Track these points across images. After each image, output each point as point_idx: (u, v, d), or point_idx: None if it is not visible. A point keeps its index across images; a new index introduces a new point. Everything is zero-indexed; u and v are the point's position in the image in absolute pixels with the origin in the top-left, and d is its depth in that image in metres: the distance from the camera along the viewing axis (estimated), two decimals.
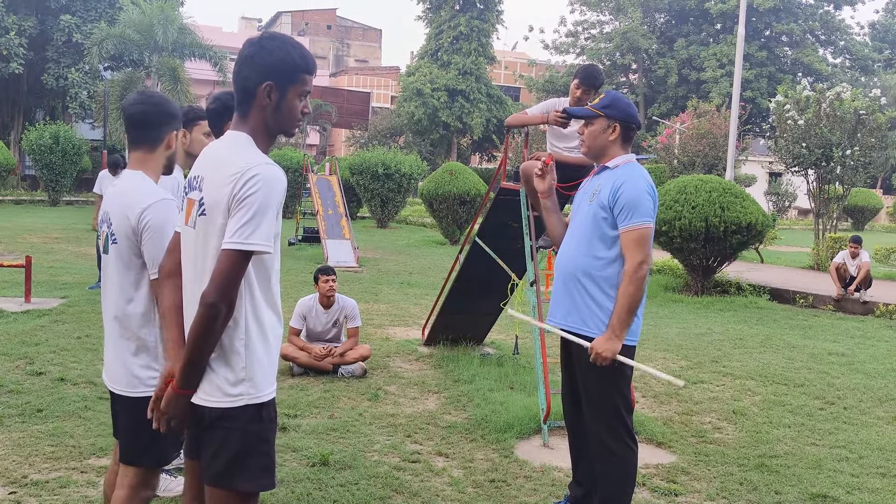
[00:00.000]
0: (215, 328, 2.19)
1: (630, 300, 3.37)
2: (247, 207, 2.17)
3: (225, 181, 2.22)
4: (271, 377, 2.36)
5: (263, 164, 2.23)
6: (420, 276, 13.20)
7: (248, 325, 2.27)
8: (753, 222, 11.46)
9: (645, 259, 3.38)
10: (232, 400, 2.26)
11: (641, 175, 3.51)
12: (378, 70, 59.41)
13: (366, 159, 21.72)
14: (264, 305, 2.32)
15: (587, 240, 3.52)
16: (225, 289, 2.17)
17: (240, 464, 2.27)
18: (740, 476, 4.63)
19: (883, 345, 8.86)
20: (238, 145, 2.30)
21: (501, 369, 6.73)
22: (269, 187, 2.20)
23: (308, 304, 6.60)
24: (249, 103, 2.32)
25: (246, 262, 2.20)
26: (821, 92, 15.72)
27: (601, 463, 3.52)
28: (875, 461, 4.97)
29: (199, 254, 2.30)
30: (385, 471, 4.43)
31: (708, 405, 6.16)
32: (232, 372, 2.26)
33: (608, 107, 3.57)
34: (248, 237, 2.17)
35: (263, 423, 2.32)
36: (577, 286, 3.53)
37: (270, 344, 2.34)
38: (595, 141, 3.60)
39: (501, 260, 6.41)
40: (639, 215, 3.41)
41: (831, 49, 48.46)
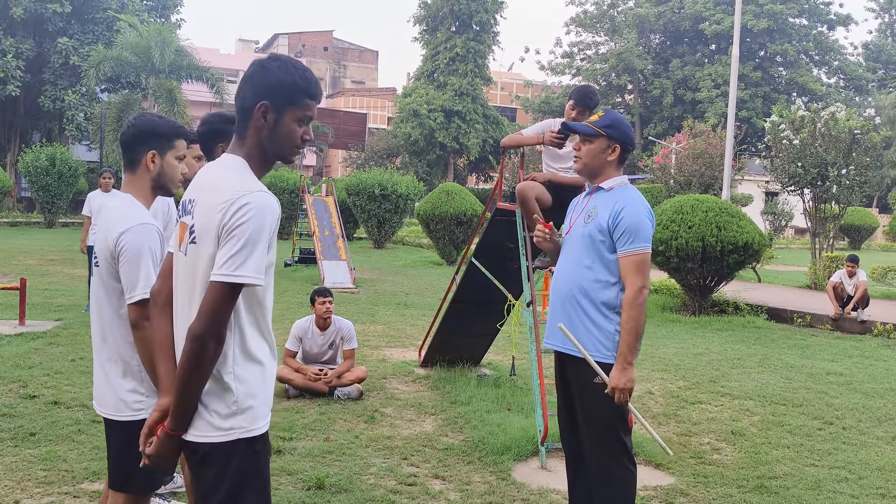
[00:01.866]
0: (204, 363, 2.11)
1: (635, 325, 3.35)
2: (237, 238, 2.10)
3: (216, 208, 2.15)
4: (264, 410, 2.29)
5: (255, 192, 2.16)
6: (417, 297, 13.17)
7: (236, 358, 2.20)
8: (750, 242, 11.46)
9: (644, 284, 3.37)
10: (223, 434, 2.20)
11: (640, 199, 3.50)
12: (375, 91, 59.71)
13: (362, 180, 21.76)
14: (255, 336, 2.24)
15: (584, 262, 3.49)
16: (213, 323, 2.10)
17: (233, 499, 2.21)
18: (739, 497, 4.58)
19: (881, 364, 8.84)
20: (231, 170, 2.24)
21: (498, 390, 6.69)
22: (260, 217, 2.13)
23: (304, 325, 6.57)
24: (246, 124, 2.26)
25: (235, 295, 2.13)
26: (816, 112, 15.79)
27: (600, 486, 3.48)
28: (874, 482, 4.93)
29: (189, 281, 2.24)
30: (381, 494, 4.38)
31: (706, 426, 6.12)
32: (223, 406, 2.19)
33: (610, 127, 3.54)
34: (237, 269, 2.09)
35: (258, 456, 2.25)
36: (574, 308, 3.51)
37: (265, 377, 2.28)
38: (593, 160, 3.56)
39: (498, 280, 6.39)
40: (639, 240, 3.39)
41: (825, 69, 48.83)
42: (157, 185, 2.89)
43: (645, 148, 43.15)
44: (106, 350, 2.81)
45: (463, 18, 43.39)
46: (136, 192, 2.85)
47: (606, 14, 48.47)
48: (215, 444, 2.20)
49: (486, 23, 44.06)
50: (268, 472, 2.32)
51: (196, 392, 2.17)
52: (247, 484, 2.23)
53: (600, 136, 3.53)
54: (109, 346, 2.80)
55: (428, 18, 44.40)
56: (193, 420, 2.22)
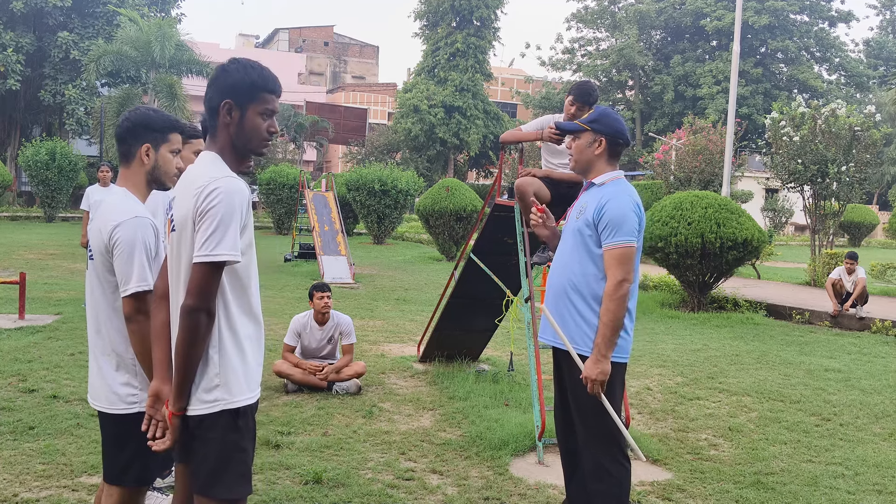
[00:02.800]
0: (198, 337, 2.28)
1: (612, 318, 3.36)
2: (210, 220, 2.28)
3: (190, 196, 2.34)
4: (248, 384, 2.42)
5: (224, 178, 2.33)
6: (416, 293, 13.18)
7: (221, 333, 2.36)
8: (749, 238, 11.47)
9: (626, 278, 3.38)
10: (208, 406, 2.35)
11: (627, 193, 3.50)
12: (375, 86, 59.63)
13: (362, 175, 21.75)
14: (238, 313, 2.40)
15: (576, 256, 3.54)
16: (201, 298, 2.27)
17: (218, 474, 2.37)
18: (736, 493, 4.60)
19: (879, 361, 8.85)
20: (205, 163, 2.42)
21: (496, 386, 6.70)
22: (229, 198, 2.29)
23: (303, 320, 6.58)
24: (215, 123, 2.45)
25: (217, 273, 2.30)
26: (816, 108, 15.79)
27: (595, 482, 3.50)
28: (871, 478, 4.94)
29: (175, 268, 2.42)
30: (379, 489, 4.40)
31: (704, 422, 6.13)
32: (206, 379, 2.34)
33: (595, 121, 3.58)
34: (214, 248, 2.26)
35: (240, 431, 2.39)
36: (565, 302, 3.55)
37: (245, 352, 2.42)
38: (581, 155, 3.60)
39: (496, 276, 6.40)
40: (622, 234, 3.40)
41: (826, 66, 48.71)
42: (152, 179, 2.90)
43: (645, 144, 43.12)
44: (100, 343, 2.83)
45: (463, 14, 43.31)
46: (130, 186, 2.86)
47: (607, 10, 48.37)
48: (202, 417, 2.34)
49: (487, 18, 43.96)
50: (251, 447, 2.46)
51: (193, 367, 2.32)
52: (229, 458, 2.38)
53: (585, 131, 3.58)
54: (103, 339, 2.81)
55: (429, 14, 44.31)
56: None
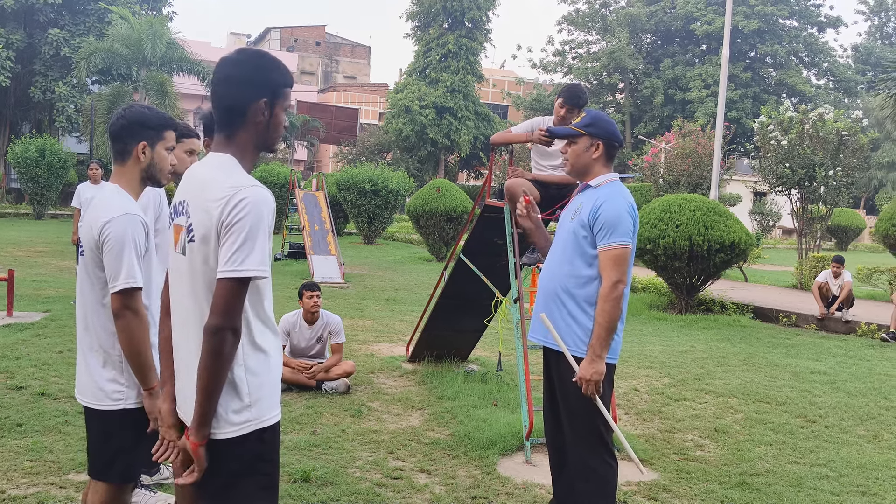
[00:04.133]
0: (224, 358, 2.13)
1: (607, 320, 3.40)
2: (237, 233, 2.13)
3: (212, 205, 2.17)
4: (275, 399, 2.31)
5: (251, 187, 2.18)
6: (406, 293, 13.20)
7: (245, 350, 2.22)
8: (737, 241, 11.55)
9: (621, 279, 3.41)
10: (237, 429, 2.21)
11: (622, 194, 3.54)
12: (366, 87, 59.63)
13: (353, 175, 21.75)
14: (260, 327, 2.26)
15: (568, 257, 3.56)
16: (228, 316, 2.12)
17: (237, 485, 2.24)
18: (721, 494, 4.64)
19: (865, 364, 8.93)
20: (223, 167, 2.26)
21: (485, 386, 6.74)
22: (258, 210, 2.15)
23: (292, 319, 6.59)
24: (238, 123, 2.28)
25: (244, 289, 2.15)
26: (804, 113, 15.91)
27: (582, 482, 3.53)
28: (855, 479, 5.00)
29: (191, 280, 2.25)
30: (367, 487, 4.42)
31: (690, 423, 6.18)
32: (237, 400, 2.21)
33: (590, 125, 3.60)
34: (242, 264, 2.12)
35: (265, 444, 2.27)
36: (556, 303, 3.57)
37: (271, 366, 2.30)
38: (578, 159, 3.62)
39: (486, 277, 6.43)
40: (617, 235, 3.43)
41: (815, 70, 49.06)
42: (147, 177, 2.91)
43: (635, 147, 43.27)
44: (87, 339, 2.84)
45: (455, 15, 43.40)
46: (124, 183, 2.87)
47: (598, 13, 48.57)
48: (227, 439, 2.21)
49: (479, 20, 44.06)
50: (276, 458, 2.34)
51: (219, 391, 2.17)
52: (251, 469, 2.25)
53: (582, 136, 3.61)
54: (91, 335, 2.83)
55: (420, 14, 44.36)
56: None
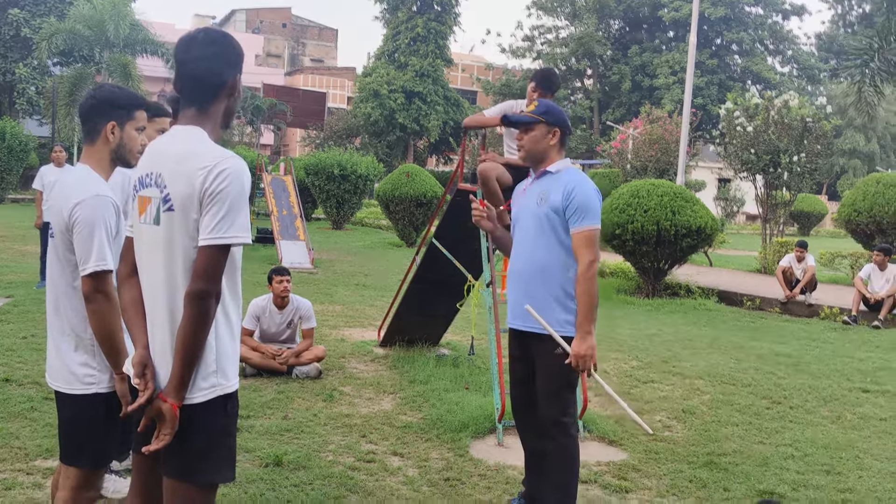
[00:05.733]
0: (207, 322, 2.22)
1: (590, 297, 3.54)
2: (221, 202, 2.22)
3: (193, 175, 2.24)
4: (235, 369, 2.40)
5: (230, 158, 2.28)
6: (376, 278, 13.17)
7: (217, 319, 2.29)
8: (703, 226, 11.70)
9: (595, 257, 3.57)
10: (204, 393, 2.28)
11: (587, 179, 3.72)
12: (334, 70, 59.12)
13: (321, 160, 21.59)
14: (229, 297, 2.35)
15: (543, 243, 3.65)
16: (211, 282, 2.21)
17: (204, 457, 2.30)
18: (690, 473, 4.72)
19: (828, 346, 9.11)
20: (198, 140, 2.33)
21: (457, 370, 6.76)
22: (239, 180, 2.26)
23: (262, 304, 6.54)
24: (213, 97, 2.38)
25: (226, 256, 2.25)
26: (769, 100, 16.11)
27: (557, 461, 3.60)
28: (820, 459, 5.11)
29: (168, 250, 2.30)
30: (339, 471, 4.41)
31: (658, 404, 6.27)
32: (204, 365, 2.28)
33: (547, 113, 3.74)
34: (227, 231, 2.22)
35: (228, 415, 2.35)
36: (536, 287, 3.65)
37: (235, 333, 2.39)
38: (536, 146, 3.74)
39: (458, 261, 6.43)
40: (590, 217, 3.59)
41: (779, 58, 49.70)
42: (117, 157, 2.86)
43: (603, 133, 43.54)
44: (58, 322, 2.79)
45: None
46: (94, 164, 2.82)
47: None
48: (195, 405, 2.27)
49: (448, 3, 43.89)
50: (235, 432, 2.42)
51: (200, 354, 2.25)
52: (216, 442, 2.32)
53: (540, 123, 3.72)
54: (62, 318, 2.78)
55: None
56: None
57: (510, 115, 3.94)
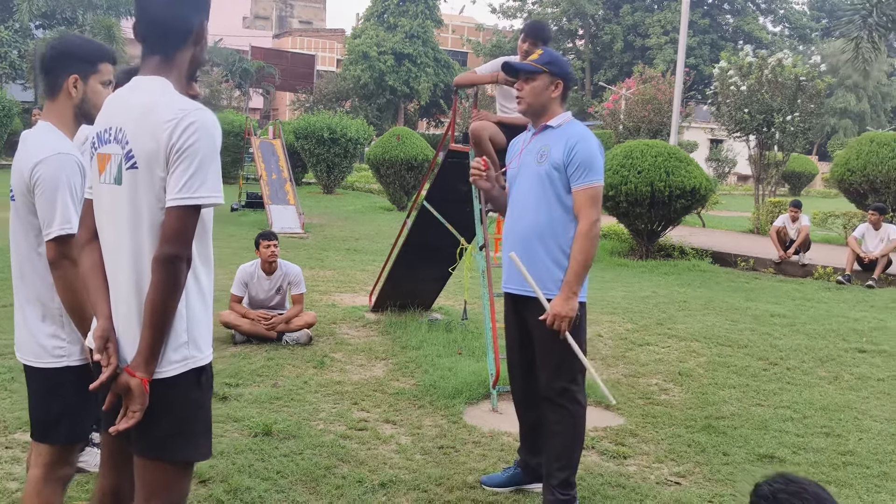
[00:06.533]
0: (178, 288, 2.05)
1: (585, 257, 3.36)
2: (189, 159, 2.03)
3: (158, 129, 2.05)
4: (209, 339, 2.23)
5: (198, 110, 2.08)
6: (367, 243, 13.03)
7: (187, 284, 2.12)
8: (697, 187, 11.57)
9: (598, 217, 3.38)
10: (175, 367, 2.12)
11: (590, 134, 3.50)
12: (323, 32, 58.23)
13: (311, 123, 21.28)
14: (200, 261, 2.17)
15: (543, 201, 3.46)
16: (182, 243, 2.03)
17: (178, 434, 2.15)
18: (688, 438, 4.64)
19: (822, 306, 9.05)
20: (163, 91, 2.13)
21: (450, 335, 6.65)
22: (209, 134, 2.07)
23: (249, 270, 6.40)
24: (179, 45, 2.18)
25: (197, 217, 2.07)
26: (763, 59, 15.88)
27: (557, 426, 3.46)
28: (819, 421, 5.04)
29: (133, 210, 2.11)
30: (331, 439, 4.31)
31: (654, 367, 6.18)
32: (174, 335, 2.11)
33: (551, 63, 3.51)
34: (197, 190, 2.04)
35: (202, 389, 2.20)
36: (534, 248, 3.47)
37: (208, 302, 2.22)
38: (537, 98, 3.52)
39: (450, 224, 6.29)
40: (593, 174, 3.40)
41: (771, 17, 49.24)
42: (81, 113, 2.66)
43: (595, 94, 43.16)
44: (24, 291, 2.63)
45: None
46: (55, 120, 2.63)
47: None
48: (166, 379, 2.11)
49: None
50: (210, 404, 2.27)
51: (170, 323, 2.08)
52: (192, 417, 2.17)
53: (543, 73, 3.49)
54: (27, 286, 2.62)
55: None
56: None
57: (512, 61, 3.70)
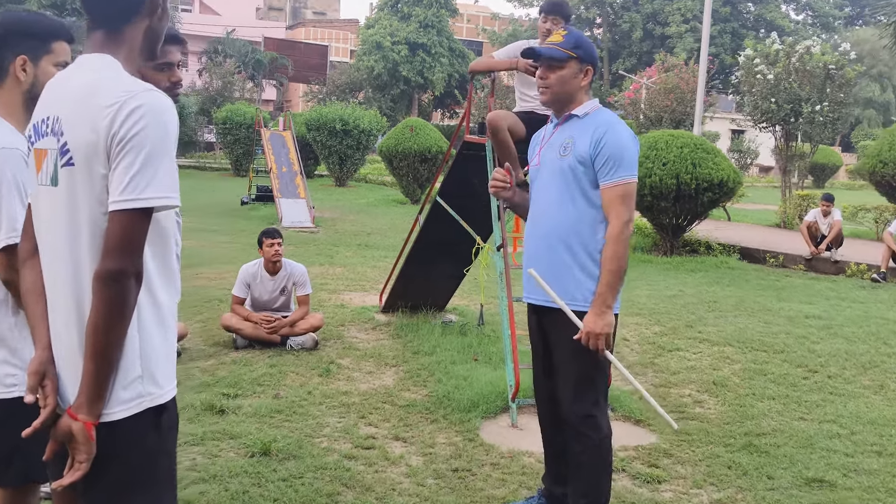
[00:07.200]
0: (124, 311, 1.66)
1: (619, 265, 2.95)
2: (135, 151, 1.66)
3: (97, 116, 1.68)
4: (172, 369, 1.84)
5: (148, 92, 1.71)
6: (379, 237, 12.64)
7: (140, 306, 1.73)
8: (725, 179, 11.08)
9: (631, 217, 2.97)
10: (127, 407, 1.73)
11: (621, 123, 3.06)
12: (336, 23, 57.83)
13: (323, 115, 20.90)
14: (158, 278, 1.80)
15: (567, 198, 3.03)
16: (128, 256, 1.65)
17: (132, 488, 1.76)
18: (728, 458, 4.21)
19: (859, 306, 8.56)
20: (108, 70, 1.75)
21: (464, 339, 6.24)
22: (159, 122, 1.69)
23: (252, 270, 6.01)
24: (130, 16, 1.81)
25: (146, 222, 1.69)
26: (790, 46, 15.33)
27: (580, 454, 3.05)
28: (868, 437, 4.59)
29: (71, 217, 1.73)
30: (334, 460, 3.91)
31: (686, 375, 5.75)
32: (123, 369, 1.72)
33: (579, 47, 3.06)
34: (144, 190, 1.66)
35: (162, 432, 1.80)
36: (558, 253, 3.05)
37: (169, 326, 1.83)
38: (565, 87, 3.07)
39: (465, 221, 5.86)
40: (624, 168, 2.97)
41: (794, 5, 48.28)
42: (31, 98, 2.25)
43: (613, 84, 42.52)
44: None
45: None
46: (1, 109, 2.24)
47: None
48: (116, 422, 1.72)
49: None
50: (175, 448, 1.89)
51: (117, 353, 1.69)
52: (150, 466, 1.78)
53: (572, 59, 3.04)
54: None
55: None
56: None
57: (537, 47, 3.23)
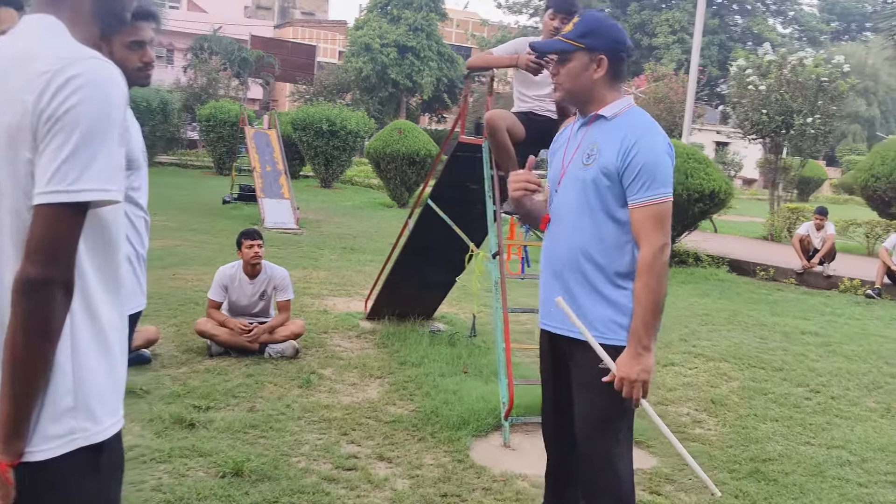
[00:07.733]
0: (48, 327, 1.36)
1: (655, 298, 2.50)
2: (67, 130, 1.37)
3: (26, 88, 1.38)
4: (116, 400, 1.53)
5: (87, 59, 1.42)
6: (365, 241, 12.32)
7: (74, 321, 1.43)
8: (717, 190, 10.87)
9: (667, 242, 2.51)
10: (55, 445, 1.43)
11: (655, 128, 2.59)
12: (325, 23, 57.46)
13: (309, 114, 20.52)
14: (100, 290, 1.49)
15: (588, 216, 2.58)
16: (54, 261, 1.36)
17: None
18: (734, 486, 3.95)
19: (855, 323, 8.36)
20: (47, 33, 1.45)
21: (454, 349, 5.94)
22: (100, 95, 1.40)
23: (230, 272, 5.69)
24: None
25: (79, 219, 1.40)
26: (783, 57, 15.20)
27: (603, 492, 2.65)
28: (880, 465, 4.35)
29: None
30: (313, 483, 3.61)
31: (683, 392, 5.50)
32: (52, 399, 1.42)
33: (587, 35, 2.58)
34: (76, 181, 1.37)
35: (101, 474, 1.50)
36: (577, 278, 2.61)
37: (113, 349, 1.52)
38: (576, 82, 2.61)
39: (457, 226, 5.57)
40: (658, 184, 2.51)
41: (781, 19, 48.53)
42: None
43: None
44: None
45: None
46: None
47: None
48: (42, 462, 1.42)
49: None
50: (120, 489, 1.60)
51: (41, 380, 1.38)
52: None
53: (578, 50, 2.58)
54: None
55: None
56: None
57: (537, 42, 2.88)
